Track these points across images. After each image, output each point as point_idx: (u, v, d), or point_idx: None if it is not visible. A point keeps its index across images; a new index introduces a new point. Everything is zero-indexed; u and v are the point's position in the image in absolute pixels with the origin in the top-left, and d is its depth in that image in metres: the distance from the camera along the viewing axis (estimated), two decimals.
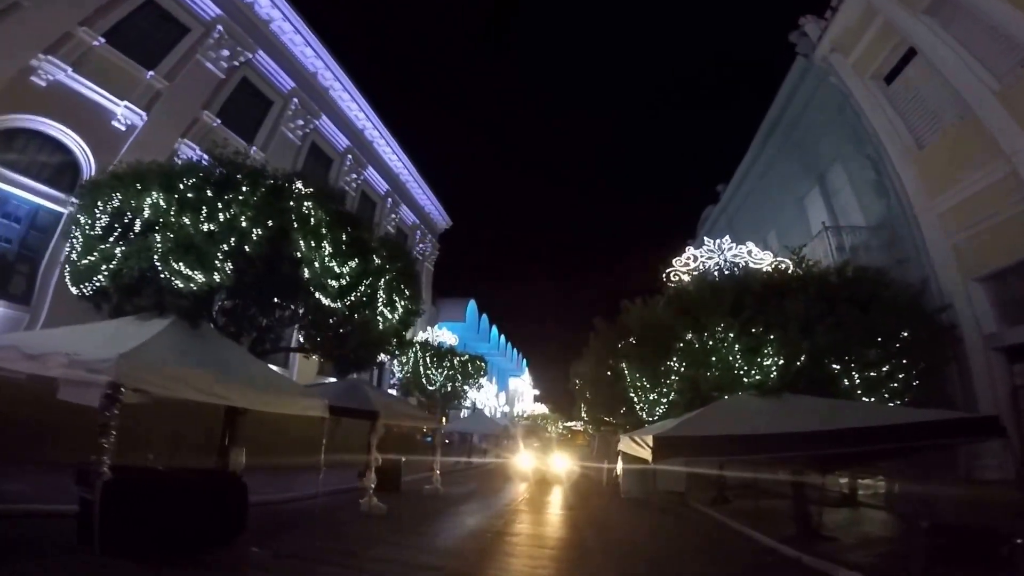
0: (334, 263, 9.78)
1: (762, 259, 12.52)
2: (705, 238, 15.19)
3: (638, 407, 11.31)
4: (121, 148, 15.84)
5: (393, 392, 25.82)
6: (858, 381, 8.30)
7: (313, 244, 9.44)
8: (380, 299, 10.84)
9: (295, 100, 22.27)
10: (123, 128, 16.43)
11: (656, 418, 10.23)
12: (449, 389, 24.41)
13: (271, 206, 9.24)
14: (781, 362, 8.06)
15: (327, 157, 24.25)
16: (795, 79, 17.90)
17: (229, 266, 8.70)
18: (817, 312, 8.24)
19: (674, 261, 13.81)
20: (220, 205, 8.85)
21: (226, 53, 19.35)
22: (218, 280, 8.51)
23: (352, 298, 10.07)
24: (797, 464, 8.59)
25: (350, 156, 25.20)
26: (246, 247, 8.86)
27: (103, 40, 15.81)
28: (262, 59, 21.05)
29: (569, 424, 72.73)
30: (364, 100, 25.89)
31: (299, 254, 9.20)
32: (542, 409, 68.93)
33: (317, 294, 9.60)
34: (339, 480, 13.10)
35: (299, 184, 10.46)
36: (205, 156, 11.26)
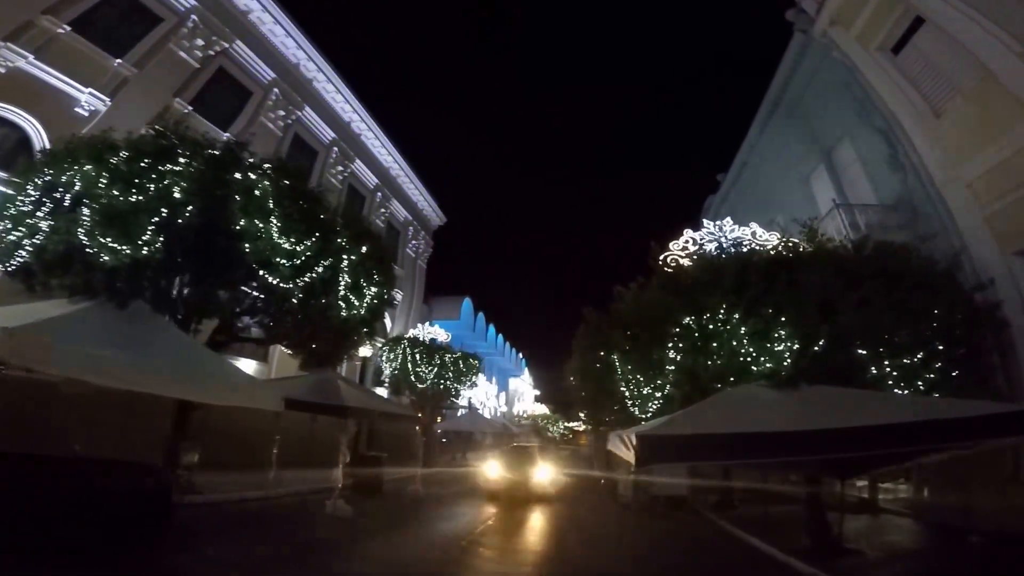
0: (284, 240, 8.76)
1: (767, 240, 11.38)
2: (704, 220, 14.05)
3: (630, 403, 10.23)
4: (82, 133, 15.02)
5: (382, 390, 24.80)
6: (889, 369, 7.08)
7: (257, 217, 8.45)
8: (342, 283, 9.80)
9: (276, 91, 21.38)
10: (86, 114, 15.59)
11: (650, 415, 9.14)
12: (440, 387, 23.33)
13: (211, 177, 8.36)
14: (796, 347, 6.92)
15: (311, 149, 23.28)
16: (794, 56, 16.97)
17: (160, 240, 7.79)
18: (837, 288, 7.08)
19: (671, 245, 12.70)
20: (155, 176, 8.13)
21: (200, 43, 18.63)
22: (145, 253, 7.60)
23: (307, 278, 9.03)
24: (813, 469, 7.42)
25: (336, 149, 24.24)
26: (179, 220, 7.96)
27: (68, 28, 15.21)
28: (240, 49, 20.25)
29: (571, 425, 71.66)
30: (350, 92, 24.96)
31: (238, 227, 8.19)
32: (543, 410, 67.79)
33: (264, 273, 8.58)
34: (321, 479, 12.28)
35: (249, 156, 9.58)
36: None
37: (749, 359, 7.10)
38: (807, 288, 7.09)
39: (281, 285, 8.77)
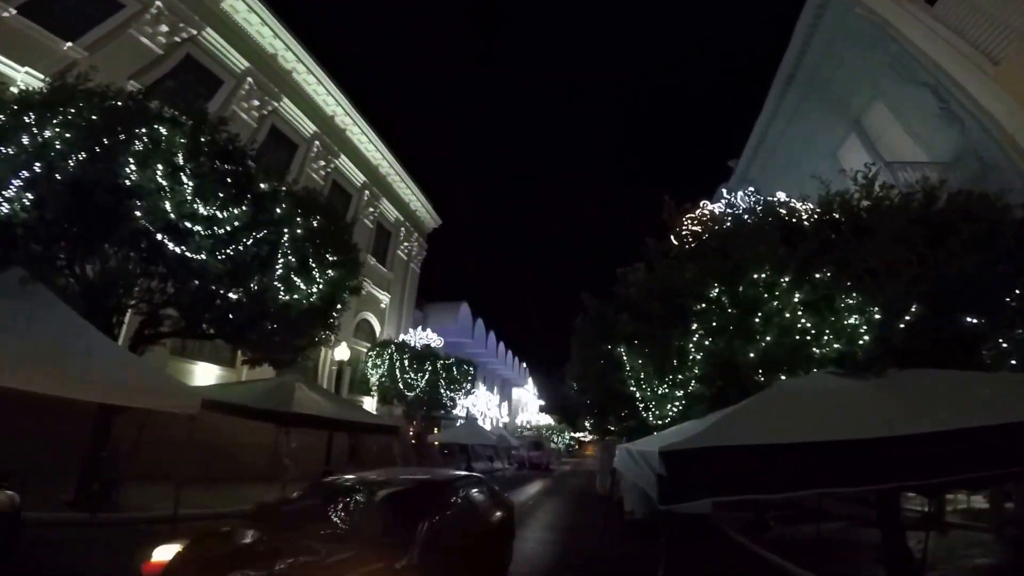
0: (201, 204, 6.97)
1: (798, 208, 9.43)
2: (723, 190, 12.15)
3: (641, 406, 8.32)
4: None
5: (369, 400, 22.89)
6: (1004, 343, 5.09)
7: (162, 174, 6.69)
8: (281, 261, 7.97)
9: (250, 80, 19.84)
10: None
11: (668, 420, 7.24)
12: (430, 396, 21.43)
13: (103, 127, 6.68)
14: (876, 317, 4.99)
15: (290, 142, 21.67)
16: (810, 20, 15.23)
17: (28, 196, 6.10)
18: (922, 240, 5.14)
19: (685, 220, 10.83)
20: (35, 129, 6.54)
21: (165, 29, 17.21)
22: (7, 210, 5.94)
23: (230, 251, 7.22)
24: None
25: (318, 143, 22.63)
26: (56, 175, 6.25)
27: (14, 11, 14.08)
28: (210, 37, 18.78)
29: (576, 435, 69.31)
30: (332, 85, 23.43)
31: (127, 182, 6.44)
32: (548, 420, 65.57)
33: (168, 240, 6.78)
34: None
35: (164, 107, 7.87)
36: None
37: (808, 337, 5.19)
38: (881, 242, 5.15)
39: (196, 257, 6.94)
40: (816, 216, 6.71)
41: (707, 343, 6.28)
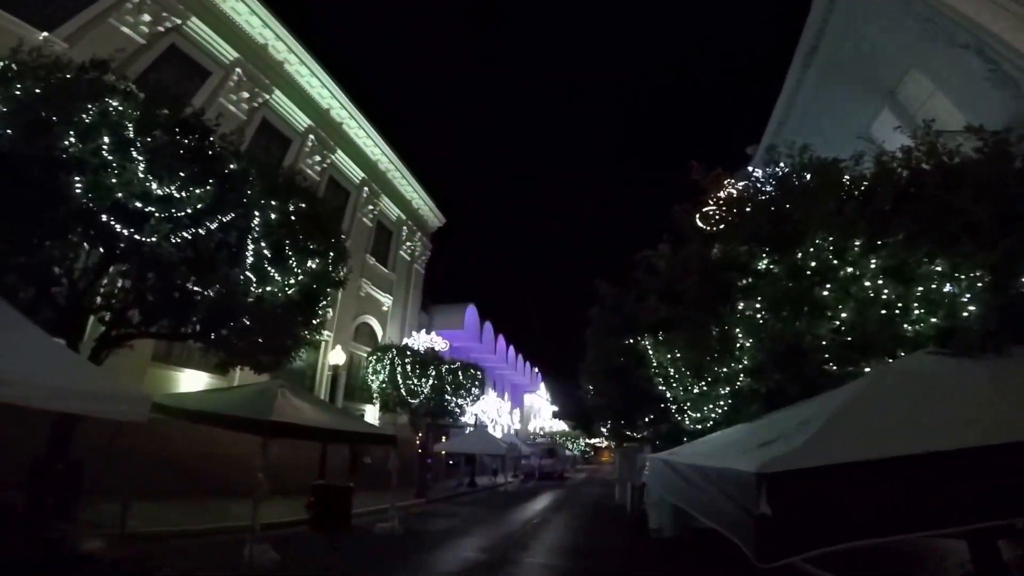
0: (156, 183, 5.96)
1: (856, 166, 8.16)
2: (749, 168, 10.97)
3: (674, 407, 7.17)
4: None
5: (371, 408, 21.81)
6: None
7: (109, 148, 5.68)
8: (253, 248, 6.93)
9: (238, 71, 19.02)
10: None
11: (711, 425, 6.09)
12: (438, 403, 20.30)
13: (41, 99, 5.74)
14: (980, 284, 3.85)
15: (283, 136, 20.80)
16: None
17: None
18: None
19: (723, 181, 9.64)
20: None
21: (147, 18, 16.45)
22: None
23: (192, 235, 6.21)
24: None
25: (313, 136, 21.74)
26: None
27: None
28: (195, 26, 18.01)
29: (592, 442, 67.78)
30: (328, 77, 22.58)
31: (64, 155, 5.42)
32: (562, 426, 64.17)
33: (114, 222, 5.78)
34: (284, 511, 11.03)
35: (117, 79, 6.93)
36: None
37: (897, 311, 4.07)
38: (986, 187, 4.01)
39: (148, 242, 5.92)
40: (884, 170, 5.56)
41: (760, 322, 5.12)
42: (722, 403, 6.07)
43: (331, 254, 9.12)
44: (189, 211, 6.27)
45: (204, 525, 9.74)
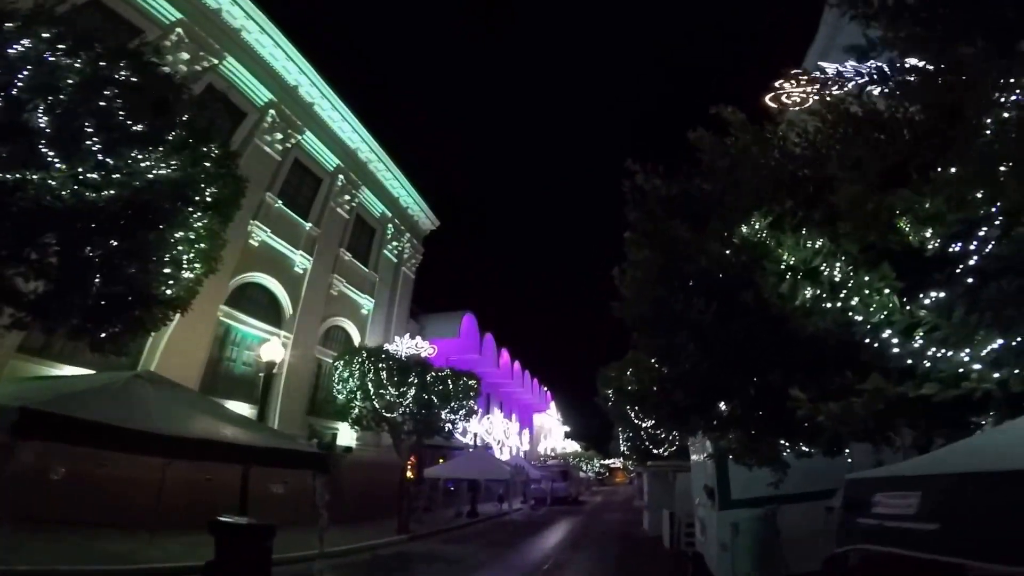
0: None
1: None
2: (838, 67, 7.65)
3: (872, 344, 3.51)
4: None
5: (343, 426, 18.24)
6: None
7: None
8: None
9: (179, 31, 16.19)
10: None
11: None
12: (423, 418, 16.75)
13: None
14: None
15: (236, 108, 17.84)
16: None
17: None
18: None
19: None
20: None
21: None
22: None
23: None
24: None
25: (274, 112, 18.83)
26: None
27: None
28: None
29: (607, 462, 63.21)
30: (295, 50, 19.82)
31: None
32: (574, 447, 59.87)
33: None
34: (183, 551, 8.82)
35: None
36: None
37: None
38: None
39: None
40: None
41: None
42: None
43: (185, 151, 5.94)
44: None
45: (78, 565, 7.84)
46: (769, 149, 4.56)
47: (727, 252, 4.42)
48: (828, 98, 4.87)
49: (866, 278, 3.43)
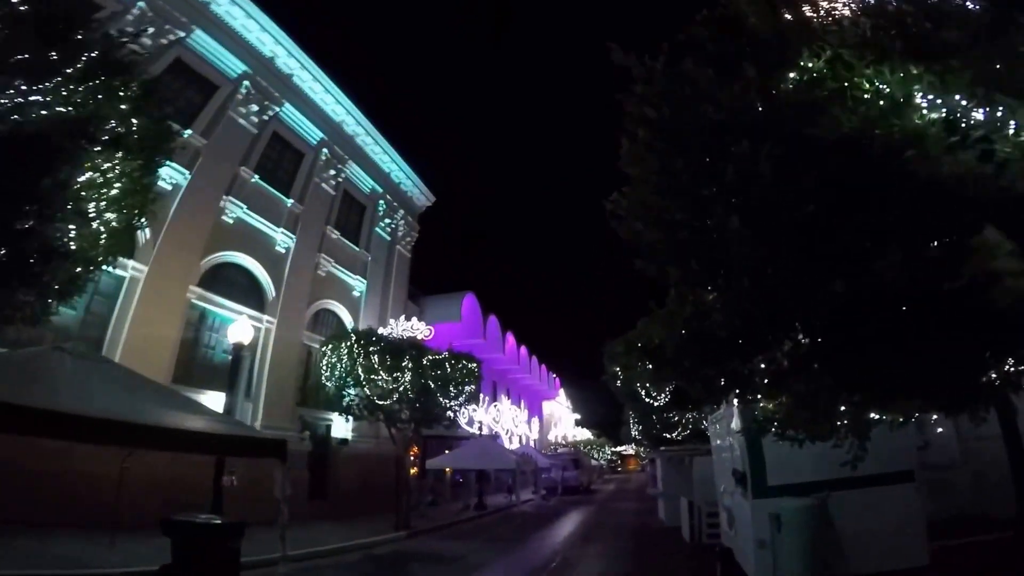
0: None
1: None
2: None
3: None
4: None
5: (338, 416, 17.07)
6: None
7: None
8: None
9: (141, 5, 14.73)
10: None
11: None
12: (421, 405, 15.51)
13: None
14: None
15: (206, 80, 16.47)
16: None
17: None
18: None
19: None
20: None
21: None
22: None
23: None
24: None
25: (248, 84, 17.44)
26: None
27: None
28: None
29: (618, 449, 62.05)
30: (271, 21, 18.34)
31: None
32: (585, 435, 58.78)
33: None
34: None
35: None
36: None
37: None
38: None
39: None
40: None
41: None
42: None
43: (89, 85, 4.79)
44: None
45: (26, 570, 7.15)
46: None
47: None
48: None
49: None
